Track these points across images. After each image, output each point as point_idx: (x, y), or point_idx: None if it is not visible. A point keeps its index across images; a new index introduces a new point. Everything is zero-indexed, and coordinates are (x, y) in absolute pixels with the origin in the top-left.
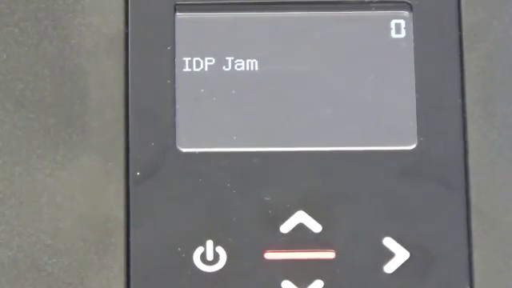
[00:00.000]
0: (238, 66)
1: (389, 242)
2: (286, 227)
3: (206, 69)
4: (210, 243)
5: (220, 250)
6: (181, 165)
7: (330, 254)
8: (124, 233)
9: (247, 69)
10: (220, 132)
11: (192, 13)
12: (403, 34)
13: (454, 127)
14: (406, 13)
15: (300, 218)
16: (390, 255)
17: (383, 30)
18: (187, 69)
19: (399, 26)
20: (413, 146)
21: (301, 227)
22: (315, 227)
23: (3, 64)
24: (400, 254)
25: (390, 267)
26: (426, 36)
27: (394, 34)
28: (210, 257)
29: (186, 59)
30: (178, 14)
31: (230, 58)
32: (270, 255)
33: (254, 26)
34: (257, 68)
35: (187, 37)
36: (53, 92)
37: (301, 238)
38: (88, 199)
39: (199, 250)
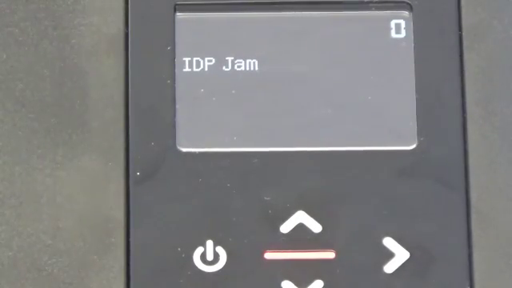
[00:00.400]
0: (238, 66)
1: (389, 242)
2: (286, 227)
3: (206, 69)
4: (209, 243)
5: (220, 249)
6: (181, 165)
7: (329, 254)
8: (124, 233)
9: (247, 69)
10: (220, 132)
11: (192, 13)
12: (403, 34)
13: (454, 127)
14: (405, 13)
15: (300, 218)
16: (389, 255)
17: (383, 30)
18: (187, 69)
19: (399, 26)
20: (413, 146)
21: (301, 227)
22: (315, 227)
23: (3, 64)
24: (400, 254)
25: (390, 267)
26: (426, 36)
27: (393, 34)
28: (210, 257)
29: (186, 59)
30: (178, 14)
31: (230, 58)
32: (269, 255)
33: (254, 26)
34: (257, 68)
35: (187, 37)
36: (53, 92)
37: (301, 238)
38: (88, 199)
39: (199, 250)
